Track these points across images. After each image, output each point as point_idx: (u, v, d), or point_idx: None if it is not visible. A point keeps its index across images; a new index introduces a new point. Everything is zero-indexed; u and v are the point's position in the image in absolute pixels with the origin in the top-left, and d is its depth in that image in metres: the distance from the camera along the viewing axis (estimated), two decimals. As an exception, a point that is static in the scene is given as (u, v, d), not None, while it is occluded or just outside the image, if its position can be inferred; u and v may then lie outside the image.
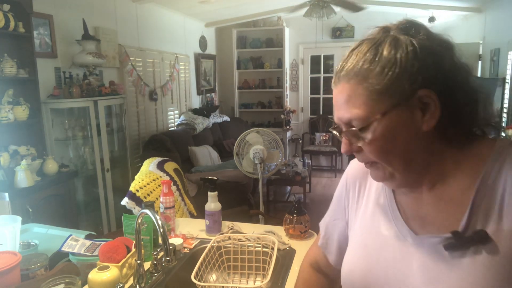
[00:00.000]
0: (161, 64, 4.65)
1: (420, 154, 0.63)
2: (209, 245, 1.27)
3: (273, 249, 1.26)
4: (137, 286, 1.19)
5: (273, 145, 3.07)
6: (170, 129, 4.86)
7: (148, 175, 2.08)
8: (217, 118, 5.61)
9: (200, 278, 1.11)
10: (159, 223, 1.08)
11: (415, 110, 0.60)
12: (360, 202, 0.78)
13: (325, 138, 6.13)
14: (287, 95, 6.36)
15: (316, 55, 6.30)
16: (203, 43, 5.93)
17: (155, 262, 1.28)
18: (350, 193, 0.81)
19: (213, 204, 1.61)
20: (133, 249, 1.28)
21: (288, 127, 6.21)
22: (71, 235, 1.35)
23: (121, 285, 1.12)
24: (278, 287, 1.22)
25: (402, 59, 0.59)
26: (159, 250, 1.30)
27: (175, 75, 4.96)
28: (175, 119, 5.08)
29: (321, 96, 6.41)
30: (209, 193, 1.62)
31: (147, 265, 1.32)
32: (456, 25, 5.46)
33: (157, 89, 4.58)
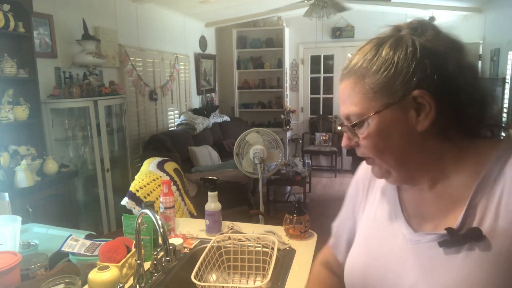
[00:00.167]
0: (161, 64, 4.65)
1: (415, 153, 0.64)
2: (209, 245, 1.27)
3: (273, 249, 1.26)
4: (137, 286, 1.19)
5: (273, 145, 3.07)
6: (170, 129, 4.86)
7: (148, 175, 2.08)
8: (217, 118, 5.61)
9: (200, 278, 1.11)
10: (159, 223, 1.08)
11: (409, 110, 0.61)
12: (368, 200, 0.80)
13: (325, 138, 6.13)
14: (287, 95, 6.36)
15: (316, 55, 6.29)
16: (203, 43, 5.93)
17: (155, 262, 1.28)
18: (359, 192, 0.83)
19: (213, 204, 1.61)
20: (133, 249, 1.28)
21: (288, 127, 6.21)
22: (71, 235, 1.35)
23: (121, 285, 1.12)
24: (278, 287, 1.22)
25: (399, 60, 0.61)
26: (159, 250, 1.30)
27: (175, 75, 4.96)
28: (175, 119, 5.08)
29: (321, 96, 6.41)
30: (209, 193, 1.62)
31: (147, 265, 1.32)
32: (456, 25, 5.46)
33: (157, 89, 4.58)
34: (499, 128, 0.67)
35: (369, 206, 0.79)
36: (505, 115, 3.87)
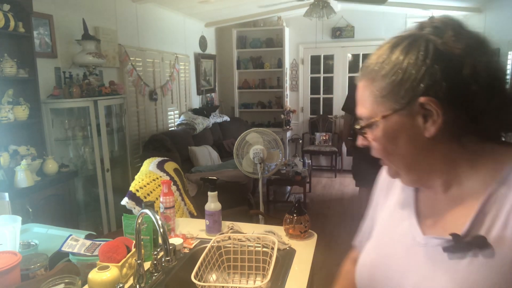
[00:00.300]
0: (161, 64, 4.65)
1: (424, 157, 0.64)
2: (209, 245, 1.27)
3: (273, 249, 1.26)
4: (137, 286, 1.19)
5: (273, 145, 3.07)
6: (170, 129, 4.86)
7: (148, 175, 2.08)
8: (217, 118, 5.61)
9: (200, 278, 1.11)
10: (159, 223, 1.08)
11: (416, 116, 0.60)
12: (388, 199, 0.81)
13: (325, 138, 6.13)
14: (287, 95, 6.36)
15: (316, 55, 6.29)
16: (203, 43, 5.93)
17: (155, 262, 1.28)
18: (382, 192, 0.84)
19: (213, 204, 1.61)
20: (133, 249, 1.28)
21: (288, 127, 6.21)
22: (71, 235, 1.35)
23: (121, 285, 1.12)
24: (278, 287, 1.22)
25: (408, 65, 0.59)
26: (159, 250, 1.30)
27: (175, 75, 4.96)
28: (175, 119, 5.08)
29: (321, 96, 6.41)
30: (209, 193, 1.62)
31: (147, 265, 1.32)
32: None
33: (157, 89, 4.58)
34: None
35: (388, 204, 0.79)
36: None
